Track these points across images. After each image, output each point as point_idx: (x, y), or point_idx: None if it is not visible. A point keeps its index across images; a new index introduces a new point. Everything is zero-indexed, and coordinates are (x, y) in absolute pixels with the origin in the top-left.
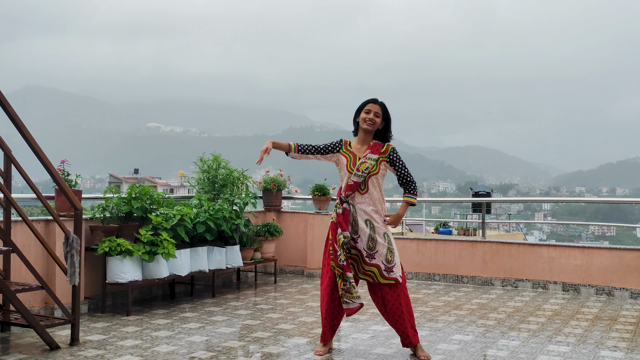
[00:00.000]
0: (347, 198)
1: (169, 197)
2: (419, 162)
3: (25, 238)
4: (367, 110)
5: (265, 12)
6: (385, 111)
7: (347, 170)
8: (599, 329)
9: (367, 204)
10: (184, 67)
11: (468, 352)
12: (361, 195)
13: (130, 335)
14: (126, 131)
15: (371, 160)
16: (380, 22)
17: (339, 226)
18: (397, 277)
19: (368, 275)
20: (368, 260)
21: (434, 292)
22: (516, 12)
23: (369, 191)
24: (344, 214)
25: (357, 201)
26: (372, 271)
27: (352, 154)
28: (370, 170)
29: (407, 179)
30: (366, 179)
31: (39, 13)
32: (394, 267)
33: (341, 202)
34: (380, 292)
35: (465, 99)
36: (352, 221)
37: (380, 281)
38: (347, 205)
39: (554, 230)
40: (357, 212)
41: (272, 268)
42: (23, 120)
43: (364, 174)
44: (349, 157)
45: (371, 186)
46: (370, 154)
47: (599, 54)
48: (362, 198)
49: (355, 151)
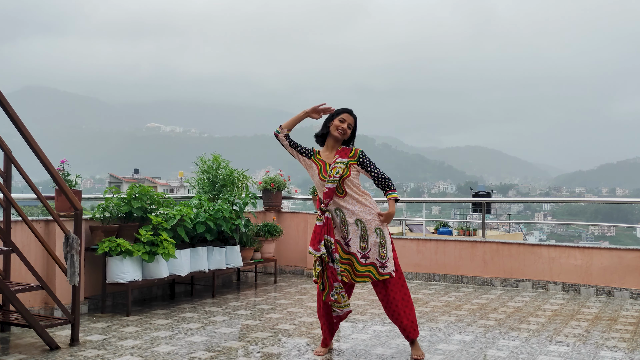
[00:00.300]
0: (326, 207)
1: (169, 197)
2: (419, 162)
3: (25, 238)
4: (341, 119)
5: (265, 12)
6: (355, 124)
7: (319, 178)
8: (599, 329)
9: (351, 204)
10: (184, 67)
11: (468, 352)
12: (341, 198)
13: (130, 336)
14: (126, 131)
15: (341, 164)
16: (380, 22)
17: (314, 241)
18: (390, 271)
19: (366, 276)
20: (363, 260)
21: (434, 292)
22: (516, 12)
23: (347, 193)
24: (325, 224)
25: (340, 205)
26: (370, 270)
27: (322, 162)
28: (342, 174)
29: (381, 177)
30: (340, 182)
31: (38, 13)
32: (387, 262)
33: (322, 212)
34: (380, 286)
35: (465, 99)
36: (342, 225)
37: (379, 278)
38: (328, 214)
39: (554, 231)
40: (345, 214)
41: (272, 268)
42: (23, 120)
43: (336, 178)
44: (320, 165)
45: (347, 188)
46: (340, 159)
47: (598, 54)
48: (344, 200)
49: (325, 158)
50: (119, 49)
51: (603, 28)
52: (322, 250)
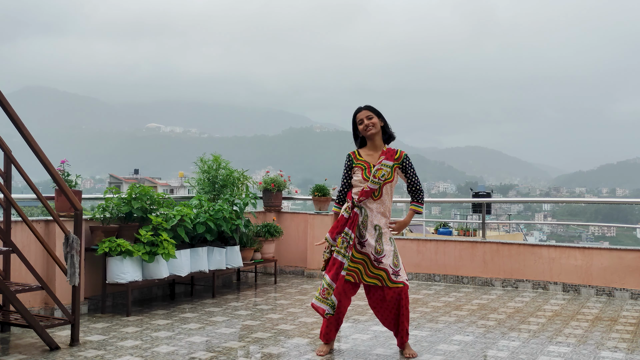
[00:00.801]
0: (359, 203)
1: (169, 198)
2: (419, 162)
3: (25, 238)
4: (360, 121)
5: (265, 12)
6: (375, 110)
7: (362, 178)
8: (599, 329)
9: (377, 209)
10: (184, 67)
11: (468, 352)
12: (374, 201)
13: (130, 336)
14: (126, 131)
15: (387, 167)
16: (380, 22)
17: (334, 229)
18: (403, 280)
19: (376, 279)
20: (376, 264)
21: (434, 293)
22: (515, 12)
23: (382, 198)
24: (350, 217)
25: (369, 206)
26: (381, 275)
27: (365, 163)
28: (386, 177)
29: (417, 187)
30: (381, 186)
31: (38, 13)
32: (399, 271)
33: (353, 206)
34: (382, 293)
35: (465, 99)
36: (361, 225)
37: (389, 285)
38: (357, 210)
39: (554, 231)
40: (368, 217)
41: (272, 268)
42: (23, 121)
43: (380, 180)
44: (364, 166)
45: (384, 193)
46: (385, 160)
47: (598, 54)
48: (375, 204)
49: (368, 159)
50: (119, 49)
51: (603, 28)
52: (336, 241)
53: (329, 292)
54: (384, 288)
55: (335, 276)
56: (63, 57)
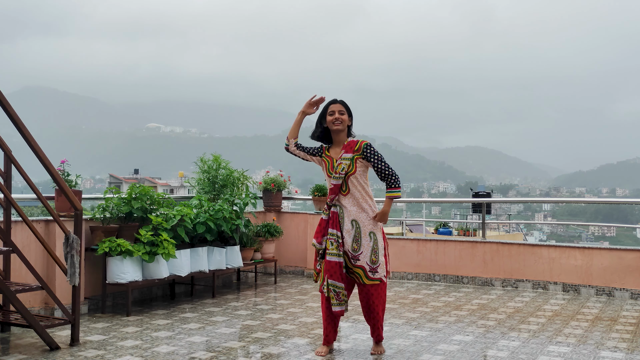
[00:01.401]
0: (331, 202)
1: (169, 198)
2: (419, 162)
3: (25, 238)
4: (331, 112)
5: (265, 12)
6: (348, 108)
7: (326, 174)
8: (599, 329)
9: (351, 204)
10: (184, 67)
11: (468, 352)
12: (344, 196)
13: (130, 336)
14: (126, 131)
15: (346, 160)
16: (379, 22)
17: (318, 234)
18: (381, 277)
19: (354, 275)
20: (353, 262)
21: (434, 293)
22: (514, 12)
23: (350, 192)
24: (330, 218)
25: (342, 203)
26: (358, 273)
27: (329, 158)
28: (347, 170)
29: (385, 172)
30: (345, 179)
31: (37, 13)
32: (378, 267)
33: (328, 207)
34: (364, 290)
35: (465, 99)
36: (340, 222)
37: (365, 282)
38: (334, 208)
39: (554, 231)
40: (344, 213)
41: (272, 268)
42: (23, 120)
43: (341, 175)
44: (327, 161)
45: (352, 186)
46: (345, 154)
47: (598, 54)
48: (346, 199)
49: (333, 154)
50: (118, 49)
51: (603, 28)
52: (323, 245)
53: (343, 293)
54: (361, 285)
55: (341, 277)
56: (63, 57)
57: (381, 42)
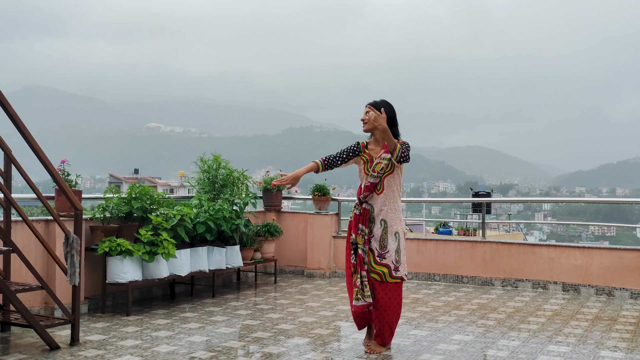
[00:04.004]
0: (365, 199)
1: (169, 197)
2: (419, 162)
3: (25, 238)
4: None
5: (264, 12)
6: (377, 106)
7: (364, 172)
8: (599, 329)
9: (382, 203)
10: (184, 67)
11: (468, 352)
12: (377, 195)
13: (130, 336)
14: (126, 131)
15: (385, 160)
16: (378, 22)
17: (350, 228)
18: (402, 275)
19: (377, 274)
20: (379, 259)
21: (434, 292)
22: (511, 12)
23: (384, 191)
24: (361, 214)
25: (374, 201)
26: (382, 271)
27: (368, 156)
28: (385, 170)
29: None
30: (382, 179)
31: (37, 13)
32: (400, 266)
33: (360, 203)
34: (385, 289)
35: (464, 99)
36: (370, 220)
37: (389, 280)
38: (366, 205)
39: (554, 231)
40: (374, 211)
41: (272, 268)
42: (23, 120)
43: (379, 174)
44: (366, 159)
45: (387, 186)
46: (385, 154)
47: (598, 53)
48: (378, 198)
49: (371, 152)
50: (118, 48)
51: (602, 28)
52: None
53: (366, 284)
54: (381, 283)
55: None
56: (63, 57)
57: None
